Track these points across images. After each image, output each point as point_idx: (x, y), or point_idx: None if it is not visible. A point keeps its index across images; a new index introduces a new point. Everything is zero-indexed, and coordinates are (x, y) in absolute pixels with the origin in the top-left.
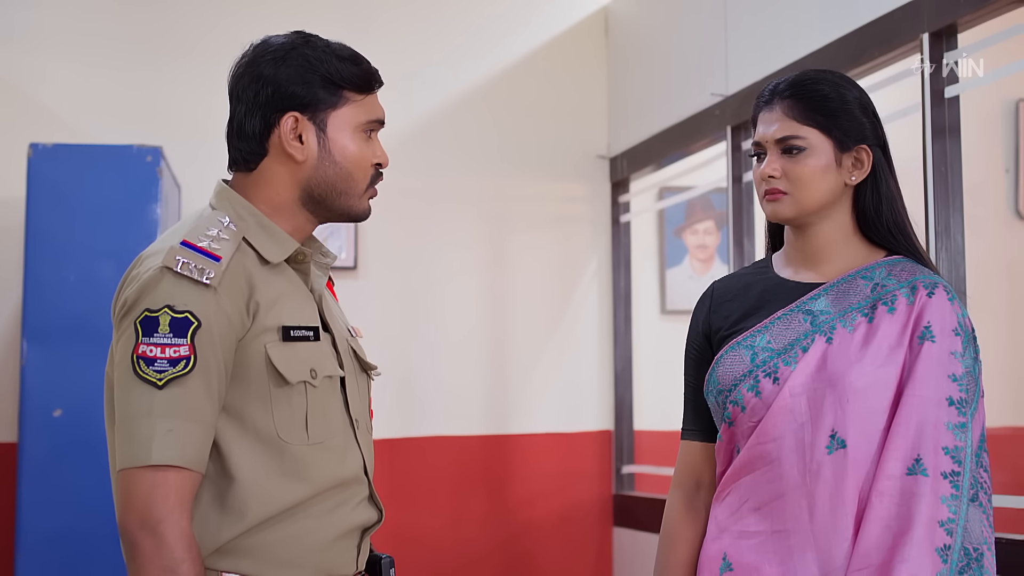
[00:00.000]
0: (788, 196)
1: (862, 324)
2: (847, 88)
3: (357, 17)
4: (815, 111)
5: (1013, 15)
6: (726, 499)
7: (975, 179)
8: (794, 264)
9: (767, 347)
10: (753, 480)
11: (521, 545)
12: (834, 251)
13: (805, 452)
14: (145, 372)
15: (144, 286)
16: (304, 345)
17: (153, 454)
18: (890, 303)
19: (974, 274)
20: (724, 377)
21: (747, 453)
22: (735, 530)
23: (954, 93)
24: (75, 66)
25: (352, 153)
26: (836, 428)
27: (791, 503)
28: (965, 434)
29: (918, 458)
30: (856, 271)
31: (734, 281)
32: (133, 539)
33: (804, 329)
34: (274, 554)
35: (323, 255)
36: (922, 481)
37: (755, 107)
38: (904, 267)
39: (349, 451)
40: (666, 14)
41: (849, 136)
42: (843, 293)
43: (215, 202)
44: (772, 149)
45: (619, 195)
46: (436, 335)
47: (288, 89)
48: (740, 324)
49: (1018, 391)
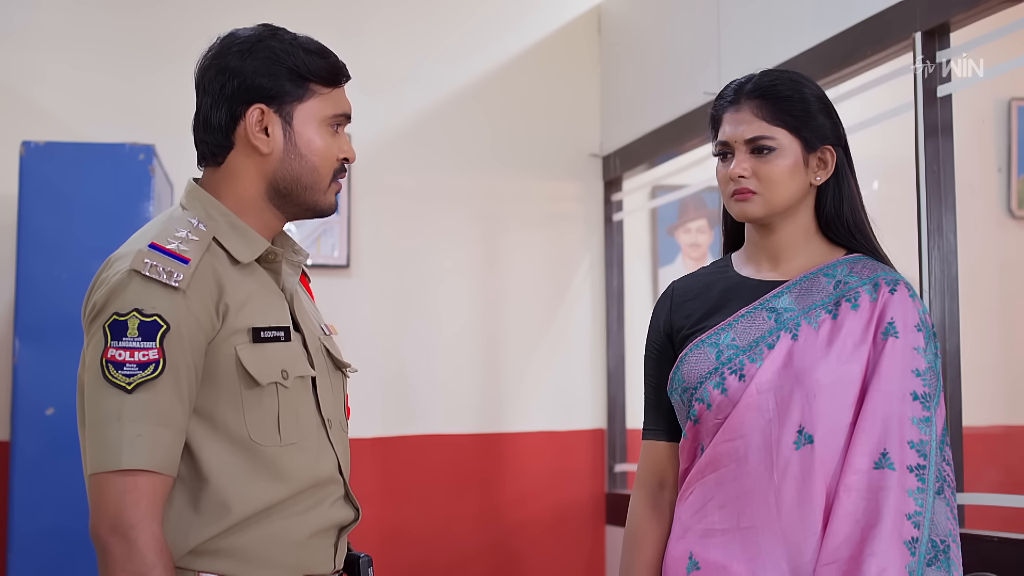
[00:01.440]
0: (758, 196)
1: (827, 321)
2: (811, 89)
3: (350, 17)
4: (784, 112)
5: (1005, 14)
6: (689, 498)
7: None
8: (755, 262)
9: (732, 344)
10: (719, 477)
11: (514, 543)
12: (796, 250)
13: (772, 448)
14: (114, 376)
15: (112, 290)
16: (274, 346)
17: (123, 459)
18: (853, 300)
19: (967, 273)
20: (689, 375)
21: (713, 450)
22: (700, 528)
23: (946, 92)
24: (68, 64)
25: (318, 147)
26: (803, 424)
27: (758, 499)
28: (929, 428)
29: (884, 452)
30: (818, 269)
31: (694, 280)
32: (104, 544)
33: (769, 327)
34: (251, 554)
35: (295, 252)
36: (889, 475)
37: (717, 107)
38: (865, 264)
39: (323, 451)
40: (659, 12)
41: (816, 137)
42: (806, 291)
43: (185, 202)
44: (741, 149)
45: (612, 193)
46: (429, 334)
47: (254, 81)
48: (703, 323)
49: (1011, 390)
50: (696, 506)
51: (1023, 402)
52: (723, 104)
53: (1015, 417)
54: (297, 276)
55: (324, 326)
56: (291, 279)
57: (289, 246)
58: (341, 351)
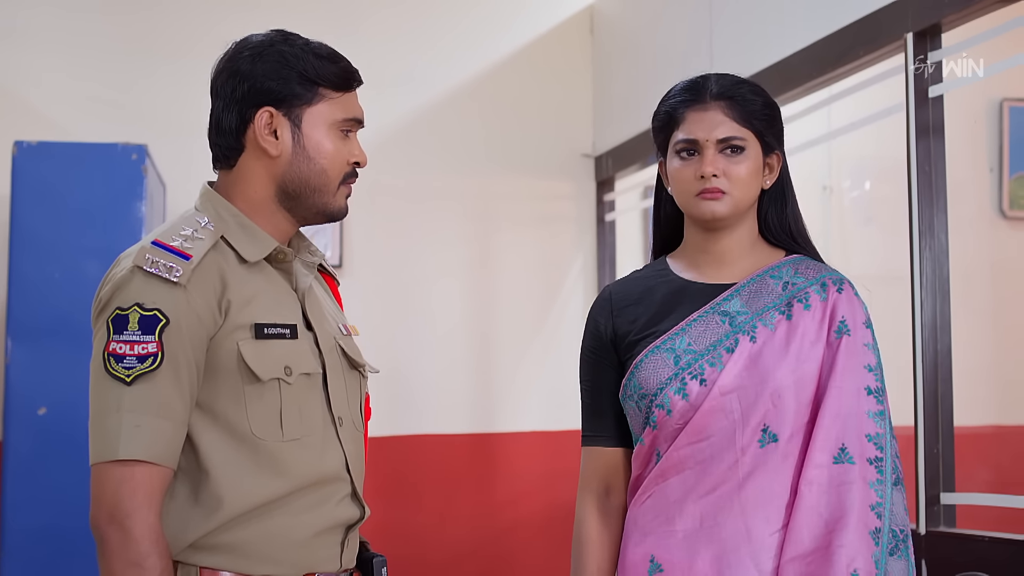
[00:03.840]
0: (727, 196)
1: (782, 322)
2: (768, 96)
3: (345, 17)
4: (751, 115)
5: (997, 15)
6: (647, 501)
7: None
8: (697, 266)
9: (689, 349)
10: (681, 480)
11: (507, 543)
12: (742, 253)
13: (737, 448)
14: (115, 369)
15: (116, 285)
16: (279, 343)
17: (121, 449)
18: (804, 300)
19: (958, 273)
20: (647, 381)
21: (675, 454)
22: (662, 531)
23: (938, 93)
24: (61, 64)
25: (327, 149)
26: (767, 423)
27: (723, 498)
28: (884, 421)
29: (843, 447)
30: (763, 271)
31: (632, 285)
32: (101, 533)
33: (724, 330)
34: (252, 550)
35: (311, 254)
36: (850, 468)
37: (672, 106)
38: (808, 265)
39: (329, 448)
40: (651, 13)
41: (773, 141)
42: (755, 293)
43: (198, 203)
44: (710, 148)
45: (604, 194)
46: (422, 333)
47: (263, 84)
48: (651, 328)
49: (1002, 390)
50: (656, 509)
51: (1015, 402)
52: (683, 103)
53: (1007, 417)
54: (311, 277)
55: (344, 326)
56: (305, 279)
57: (304, 247)
58: (360, 352)
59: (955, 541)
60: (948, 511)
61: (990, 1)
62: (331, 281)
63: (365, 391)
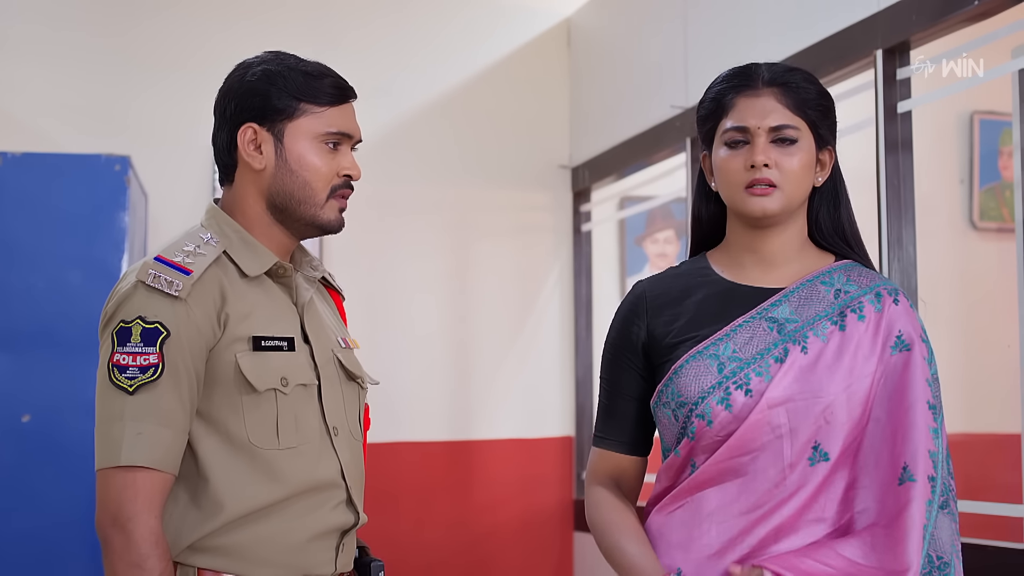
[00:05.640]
0: (777, 190)
1: (834, 333)
2: (821, 84)
3: (325, 31)
4: (805, 104)
5: (964, 33)
6: (677, 512)
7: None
8: (741, 267)
9: (734, 357)
10: (720, 494)
11: (483, 549)
12: (791, 255)
13: (784, 465)
14: (118, 379)
15: (120, 299)
16: (276, 355)
17: (123, 455)
18: (859, 311)
19: (929, 283)
20: (688, 389)
21: (713, 467)
22: (694, 546)
23: (906, 108)
24: (45, 76)
25: (309, 162)
26: (819, 440)
27: (766, 516)
28: (939, 440)
29: (905, 466)
30: (814, 276)
31: (670, 283)
32: (105, 536)
33: (772, 338)
34: (248, 552)
35: (312, 269)
36: (912, 487)
37: (723, 91)
38: (861, 272)
39: (324, 457)
40: (627, 27)
41: (827, 135)
42: (805, 299)
43: (204, 220)
44: (761, 137)
45: (581, 204)
46: (400, 342)
47: (247, 102)
48: (692, 332)
49: (971, 399)
50: (688, 522)
51: (982, 410)
52: (733, 88)
53: (974, 425)
54: (312, 291)
55: (343, 340)
56: (306, 293)
57: (307, 262)
58: (360, 365)
59: None
60: None
61: (957, 20)
62: (336, 297)
63: (364, 402)
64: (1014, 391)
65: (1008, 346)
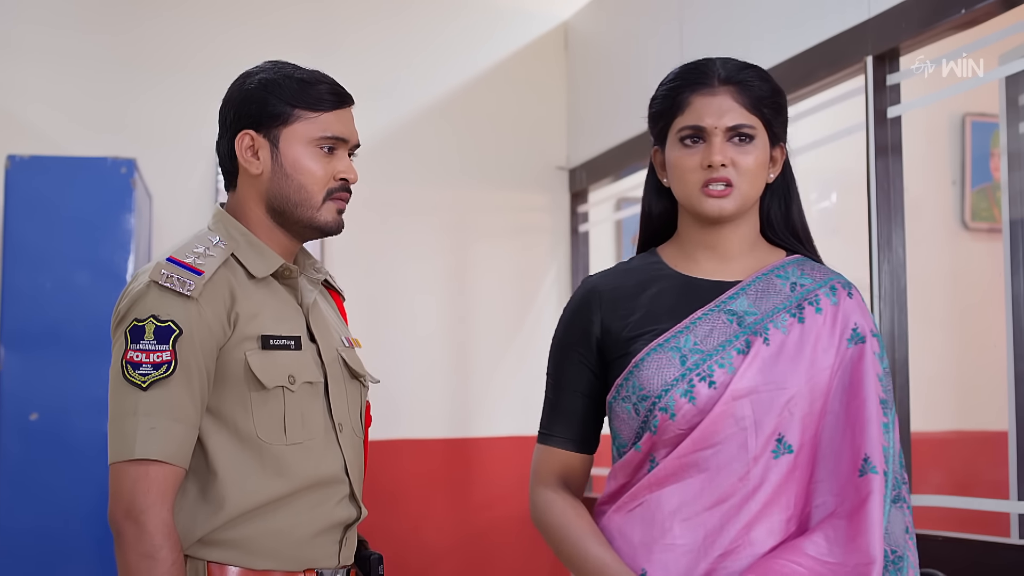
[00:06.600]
0: (734, 190)
1: (794, 325)
2: (775, 82)
3: (325, 34)
4: (761, 102)
5: (952, 39)
6: (636, 511)
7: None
8: (696, 261)
9: (696, 349)
10: (681, 489)
11: (482, 546)
12: (745, 249)
13: (748, 458)
14: (132, 376)
15: (134, 298)
16: (283, 353)
17: (136, 449)
18: (815, 303)
19: (921, 284)
20: (650, 382)
21: (675, 462)
22: (657, 545)
23: (896, 113)
24: (52, 79)
25: (303, 166)
26: (783, 432)
27: (731, 510)
28: (890, 434)
29: (866, 456)
30: (769, 269)
31: (621, 278)
32: (118, 527)
33: (733, 330)
34: (256, 546)
35: (315, 271)
36: (873, 479)
37: (679, 88)
38: (813, 266)
39: (329, 452)
40: (624, 31)
41: (780, 132)
42: (763, 292)
43: (211, 224)
44: (718, 136)
45: (578, 205)
46: (400, 342)
47: (245, 109)
48: (650, 325)
49: (962, 396)
50: (648, 520)
51: (973, 408)
52: (688, 86)
53: (966, 422)
54: (316, 292)
55: (346, 339)
56: (310, 294)
57: (310, 265)
58: (362, 363)
59: None
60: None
61: (946, 27)
62: (337, 297)
63: (366, 400)
64: (1002, 389)
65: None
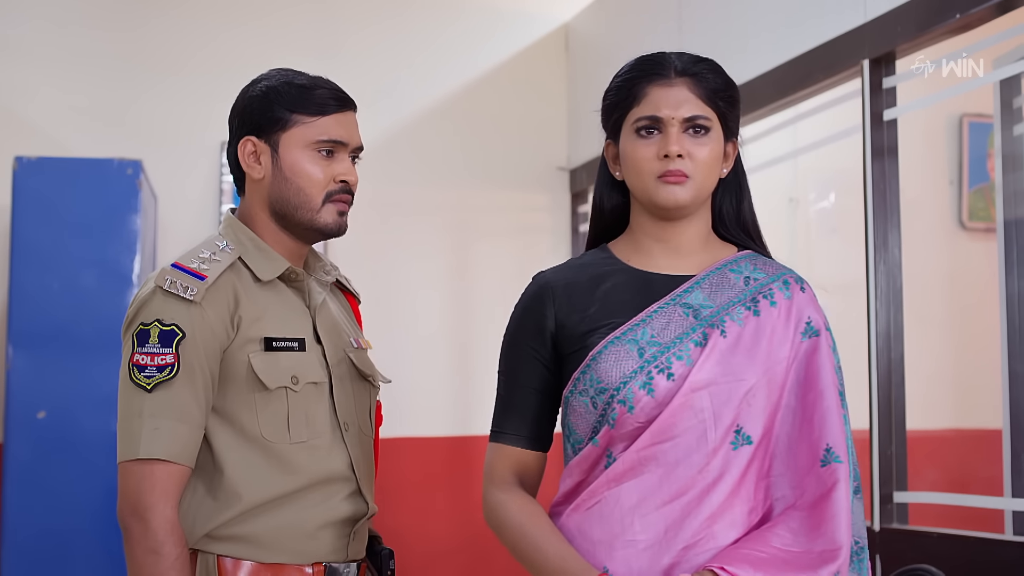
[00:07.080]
0: (690, 180)
1: (749, 318)
2: (728, 76)
3: (327, 36)
4: (716, 95)
5: (947, 44)
6: (595, 508)
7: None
8: (651, 256)
9: (653, 341)
10: (639, 484)
11: (485, 543)
12: (698, 244)
13: (707, 450)
14: (137, 378)
15: (140, 303)
16: (287, 355)
17: (141, 449)
18: (769, 297)
19: (919, 284)
20: (608, 375)
21: (633, 456)
22: (618, 542)
23: (892, 116)
24: (59, 82)
25: (302, 169)
26: (741, 424)
27: (691, 504)
28: (847, 427)
29: (828, 447)
30: (722, 264)
31: (574, 273)
32: (125, 524)
33: (689, 323)
34: (262, 540)
35: (325, 273)
36: (838, 468)
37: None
38: (765, 261)
39: (335, 450)
40: (624, 32)
41: (733, 126)
42: (717, 286)
43: (221, 228)
44: (675, 127)
45: (579, 205)
46: (402, 341)
47: (247, 117)
48: (606, 319)
49: (960, 395)
50: (607, 517)
51: (969, 406)
52: (645, 77)
53: (962, 420)
54: (325, 294)
55: (356, 340)
56: (318, 296)
57: (320, 267)
58: (372, 364)
59: (907, 537)
60: (900, 509)
61: (941, 32)
62: (351, 299)
63: (376, 400)
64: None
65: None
